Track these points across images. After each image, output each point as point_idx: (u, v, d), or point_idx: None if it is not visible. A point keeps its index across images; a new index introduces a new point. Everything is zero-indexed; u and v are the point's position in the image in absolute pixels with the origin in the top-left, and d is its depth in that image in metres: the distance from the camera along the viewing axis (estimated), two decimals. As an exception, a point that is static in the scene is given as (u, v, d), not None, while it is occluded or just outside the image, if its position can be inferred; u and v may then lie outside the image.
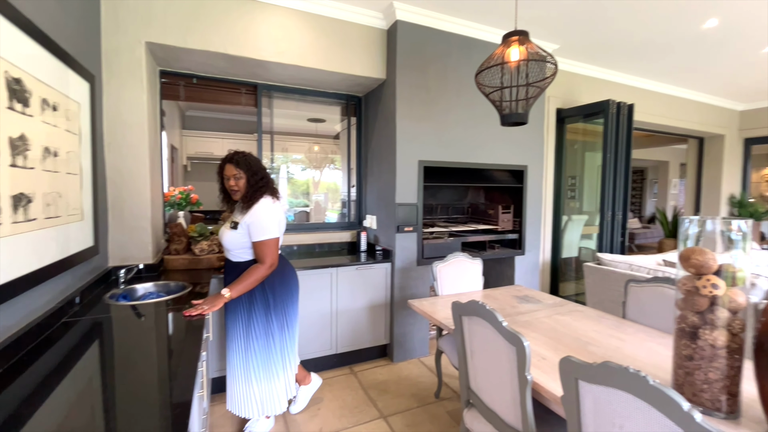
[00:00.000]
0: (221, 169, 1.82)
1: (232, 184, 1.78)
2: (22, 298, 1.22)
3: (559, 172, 3.90)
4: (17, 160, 1.19)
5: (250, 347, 1.80)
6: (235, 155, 1.81)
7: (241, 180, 1.78)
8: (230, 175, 1.78)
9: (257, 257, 1.77)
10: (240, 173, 1.78)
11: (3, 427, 0.80)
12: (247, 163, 1.79)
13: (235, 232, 1.78)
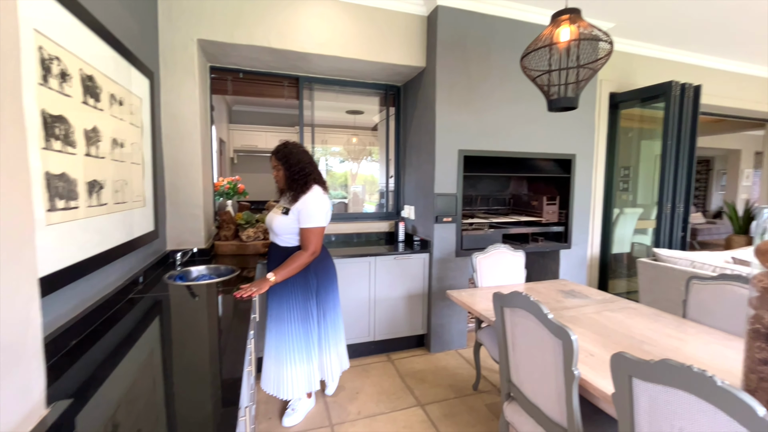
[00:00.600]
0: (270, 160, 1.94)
1: (274, 175, 1.92)
2: (97, 275, 1.36)
3: (611, 162, 3.65)
4: (91, 150, 1.31)
5: (289, 330, 1.85)
6: (279, 147, 1.89)
7: (279, 171, 1.89)
8: (273, 166, 1.92)
9: (302, 244, 1.84)
10: (278, 165, 1.88)
11: (84, 385, 0.90)
12: (284, 157, 1.87)
13: (286, 217, 1.85)
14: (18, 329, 0.62)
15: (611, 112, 3.54)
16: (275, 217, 1.91)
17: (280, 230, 1.89)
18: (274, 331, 1.88)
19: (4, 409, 0.58)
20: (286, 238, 1.90)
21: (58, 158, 1.10)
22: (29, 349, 0.64)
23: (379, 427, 1.93)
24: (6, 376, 0.59)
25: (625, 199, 4.18)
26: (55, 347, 1.03)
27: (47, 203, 1.05)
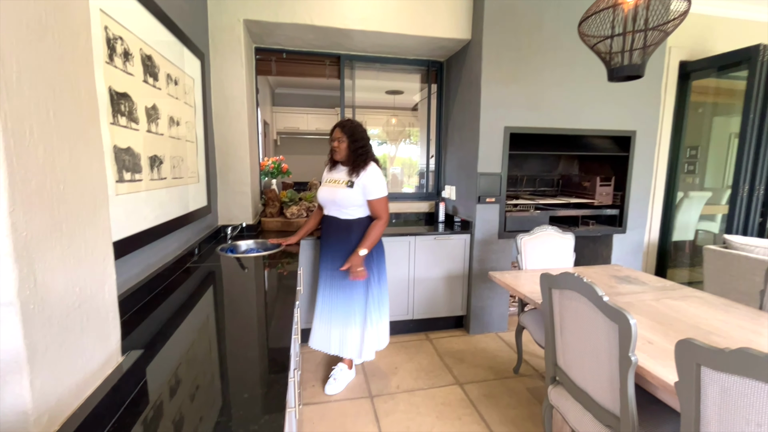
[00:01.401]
0: (332, 131, 1.99)
1: (335, 145, 1.95)
2: (158, 244, 1.47)
3: (676, 141, 3.31)
4: (151, 126, 1.39)
5: (354, 296, 1.95)
6: (345, 121, 1.97)
7: (343, 143, 1.94)
8: (336, 137, 1.95)
9: (376, 214, 1.95)
10: (343, 137, 1.93)
11: (153, 341, 0.99)
12: (350, 130, 1.94)
13: (351, 190, 1.92)
14: (97, 283, 0.68)
15: (680, 83, 3.19)
16: (339, 190, 1.94)
17: (346, 203, 1.94)
18: (342, 296, 1.97)
19: (89, 352, 0.65)
20: (349, 210, 1.96)
21: (123, 133, 1.18)
22: (106, 302, 0.71)
23: (417, 401, 1.96)
24: (89, 324, 0.65)
25: (690, 182, 3.80)
26: (125, 306, 1.13)
27: (116, 175, 1.14)
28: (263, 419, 0.69)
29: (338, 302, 1.97)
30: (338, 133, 1.94)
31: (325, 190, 2.01)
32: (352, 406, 1.92)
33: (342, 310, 1.97)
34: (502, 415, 1.85)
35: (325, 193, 2.00)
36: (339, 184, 1.96)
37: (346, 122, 1.97)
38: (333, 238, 1.98)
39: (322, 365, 2.30)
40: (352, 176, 1.93)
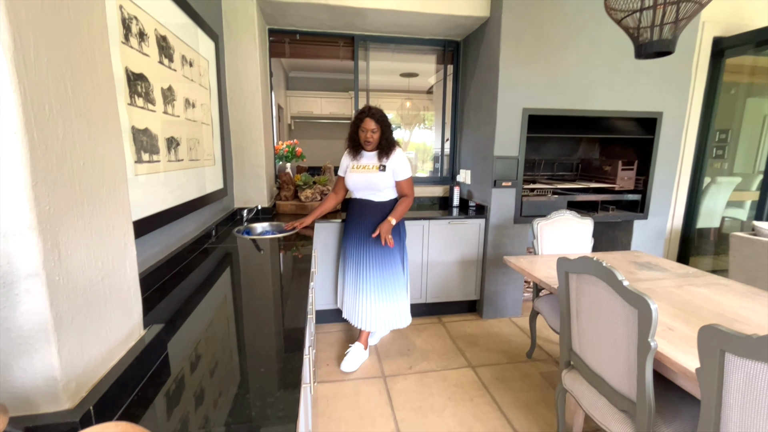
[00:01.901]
0: (359, 121, 2.00)
1: (369, 137, 1.99)
2: (176, 224, 1.50)
3: (706, 123, 3.15)
4: (167, 108, 1.40)
5: (386, 271, 2.06)
6: (375, 111, 1.99)
7: (376, 134, 2.00)
8: (368, 129, 1.98)
9: (404, 192, 2.09)
10: (377, 128, 1.99)
11: (173, 317, 1.02)
12: (382, 120, 2.00)
13: (384, 174, 2.03)
14: (118, 259, 0.70)
15: (713, 61, 3.01)
16: (373, 174, 2.04)
17: (381, 186, 2.05)
18: (379, 273, 2.06)
19: (112, 324, 0.67)
20: (383, 193, 2.08)
21: (141, 114, 1.19)
22: (128, 277, 0.73)
23: (429, 382, 1.98)
24: (112, 298, 0.67)
25: (718, 167, 3.63)
26: (147, 283, 1.17)
27: (134, 155, 1.16)
28: (279, 392, 0.70)
29: (372, 279, 2.06)
30: (373, 125, 1.98)
31: (357, 176, 2.06)
32: (365, 385, 1.96)
33: (376, 286, 2.06)
34: (515, 398, 1.86)
35: (359, 179, 2.06)
36: (371, 170, 2.05)
37: (375, 112, 1.98)
38: (368, 219, 2.07)
39: (336, 345, 2.35)
40: (382, 160, 2.04)
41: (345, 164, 2.15)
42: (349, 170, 2.09)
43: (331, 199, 2.25)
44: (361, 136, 2.01)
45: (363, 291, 2.07)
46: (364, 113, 1.99)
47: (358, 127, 2.02)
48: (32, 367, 0.53)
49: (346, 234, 2.17)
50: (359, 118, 2.00)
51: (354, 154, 2.09)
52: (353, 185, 2.10)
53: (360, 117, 2.00)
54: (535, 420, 1.72)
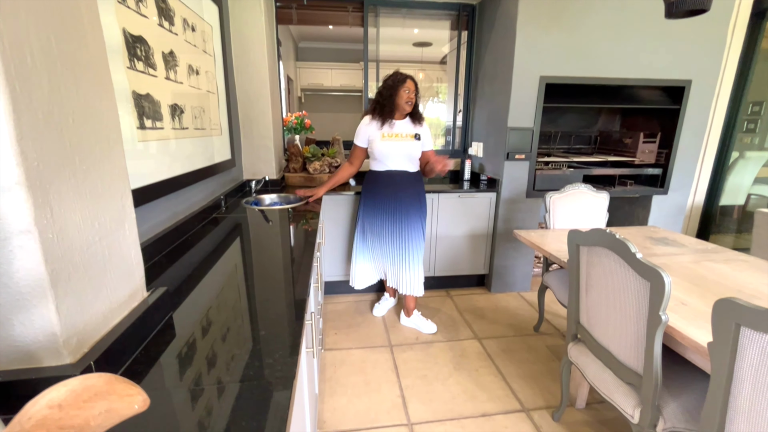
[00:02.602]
0: (399, 83, 1.94)
1: (411, 98, 1.96)
2: (184, 193, 1.51)
3: (739, 93, 2.94)
4: (170, 74, 1.37)
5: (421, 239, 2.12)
6: (410, 75, 1.97)
7: (414, 96, 1.98)
8: (412, 89, 1.96)
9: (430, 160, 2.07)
10: (415, 91, 1.98)
11: (181, 282, 1.03)
12: (418, 87, 2.00)
13: (419, 143, 2.03)
14: (116, 221, 0.70)
15: (753, 23, 2.77)
16: (410, 143, 2.00)
17: (416, 155, 2.04)
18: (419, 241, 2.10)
19: (113, 284, 0.68)
20: (415, 163, 2.07)
21: (141, 79, 1.17)
22: (127, 239, 0.73)
23: (435, 352, 2.01)
24: (111, 259, 0.68)
25: (748, 142, 3.43)
26: (154, 249, 1.18)
27: (137, 121, 1.14)
28: (278, 354, 0.71)
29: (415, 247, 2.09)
30: (413, 86, 1.95)
31: (392, 144, 1.98)
32: (372, 353, 2.00)
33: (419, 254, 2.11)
34: (520, 369, 1.87)
35: (396, 148, 1.98)
36: (405, 138, 1.99)
37: (410, 76, 1.96)
38: (403, 191, 2.04)
39: (344, 315, 2.39)
40: (416, 128, 2.02)
41: (369, 132, 2.02)
42: (379, 139, 1.98)
43: (346, 169, 2.17)
44: (404, 96, 1.93)
45: (409, 260, 2.08)
46: (404, 75, 1.95)
47: (396, 90, 1.93)
48: (32, 323, 0.54)
49: (376, 207, 2.08)
50: (400, 80, 1.93)
51: (383, 122, 1.97)
52: (386, 154, 1.99)
53: (401, 79, 1.94)
54: (539, 390, 1.73)
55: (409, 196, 2.05)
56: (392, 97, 1.94)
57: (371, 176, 2.11)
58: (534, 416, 1.58)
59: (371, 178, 2.10)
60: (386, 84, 1.97)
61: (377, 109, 1.98)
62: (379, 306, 2.41)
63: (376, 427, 1.52)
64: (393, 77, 1.96)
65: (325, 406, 1.63)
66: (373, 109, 2.00)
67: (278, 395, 0.60)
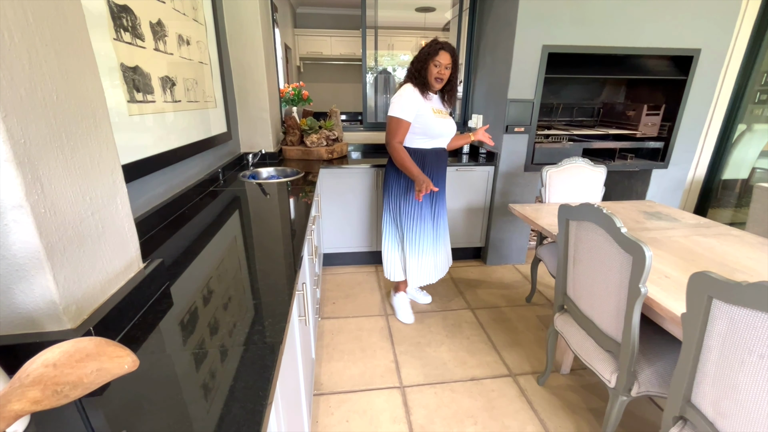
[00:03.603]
0: (432, 53, 1.71)
1: (443, 73, 1.73)
2: (180, 166, 1.52)
3: (750, 63, 2.84)
4: (159, 45, 1.35)
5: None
6: (448, 45, 1.72)
7: (448, 71, 1.75)
8: (446, 63, 1.71)
9: None
10: (450, 64, 1.73)
11: (184, 256, 1.07)
12: (457, 56, 1.76)
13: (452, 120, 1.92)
14: (107, 195, 0.72)
15: (770, -13, 2.62)
16: (452, 121, 1.89)
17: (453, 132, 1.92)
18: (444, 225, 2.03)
19: (108, 255, 0.71)
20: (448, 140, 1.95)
21: (129, 50, 1.15)
22: (120, 212, 0.76)
23: (429, 321, 2.09)
24: (105, 231, 0.71)
25: (759, 114, 3.34)
26: (150, 222, 1.21)
27: (126, 94, 1.14)
28: (268, 321, 0.75)
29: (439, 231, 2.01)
30: (448, 59, 1.71)
31: (443, 121, 1.83)
32: (368, 322, 2.08)
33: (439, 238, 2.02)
34: (510, 338, 1.95)
35: (446, 125, 1.85)
36: (446, 116, 1.89)
37: (450, 46, 1.72)
38: (442, 170, 1.96)
39: (344, 285, 2.46)
40: (446, 106, 1.89)
41: (416, 105, 1.74)
42: (431, 114, 1.78)
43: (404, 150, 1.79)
44: (433, 71, 1.72)
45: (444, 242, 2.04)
46: (439, 45, 1.71)
47: (426, 64, 1.72)
48: (32, 292, 0.57)
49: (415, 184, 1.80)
50: (433, 49, 1.70)
51: (424, 94, 1.78)
52: (439, 132, 1.82)
53: (435, 48, 1.70)
54: (527, 357, 1.81)
55: (443, 174, 1.97)
56: (422, 71, 1.74)
57: (414, 155, 1.83)
58: (520, 380, 1.67)
59: (415, 157, 1.83)
60: (419, 55, 1.75)
61: (415, 80, 1.77)
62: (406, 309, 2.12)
63: (370, 389, 1.61)
64: (427, 47, 1.73)
65: (322, 369, 1.72)
66: (414, 79, 1.77)
67: (267, 359, 0.64)
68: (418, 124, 1.78)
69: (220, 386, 0.58)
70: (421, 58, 1.74)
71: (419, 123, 1.78)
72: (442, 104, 1.88)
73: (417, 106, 1.75)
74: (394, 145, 1.78)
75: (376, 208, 2.58)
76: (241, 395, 0.56)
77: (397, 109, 1.74)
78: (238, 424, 0.51)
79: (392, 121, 1.76)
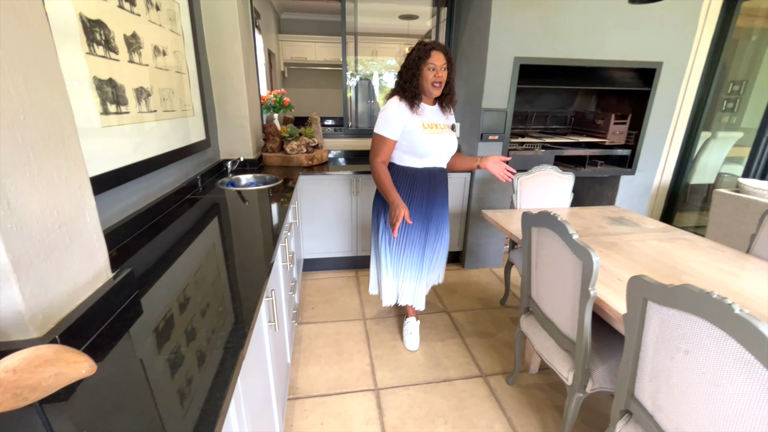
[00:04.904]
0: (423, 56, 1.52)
1: (440, 77, 1.54)
2: (155, 175, 1.54)
3: (710, 73, 3.00)
4: (133, 57, 1.38)
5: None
6: (440, 44, 1.55)
7: (445, 73, 1.55)
8: (439, 65, 1.52)
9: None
10: (446, 65, 1.54)
11: (156, 265, 1.10)
12: (451, 57, 1.56)
13: (455, 134, 1.71)
14: (75, 208, 0.75)
15: (726, 5, 2.79)
16: (450, 136, 1.67)
17: (454, 150, 1.71)
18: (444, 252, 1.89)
19: (76, 266, 0.74)
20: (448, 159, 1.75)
21: (103, 64, 1.18)
22: (88, 225, 0.79)
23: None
24: (72, 244, 0.74)
25: (726, 121, 3.53)
26: (124, 232, 1.24)
27: (100, 107, 1.16)
28: (232, 327, 0.79)
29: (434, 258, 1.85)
30: (442, 59, 1.51)
31: (436, 138, 1.61)
32: (346, 326, 2.12)
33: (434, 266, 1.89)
34: (483, 339, 2.02)
35: (440, 142, 1.62)
36: (444, 129, 1.65)
37: (442, 45, 1.54)
38: (438, 191, 1.73)
39: (323, 290, 2.49)
40: (448, 117, 1.68)
41: (403, 121, 1.57)
42: (420, 130, 1.58)
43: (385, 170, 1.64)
44: (428, 76, 1.52)
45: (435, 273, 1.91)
46: (428, 45, 1.52)
47: (419, 69, 1.52)
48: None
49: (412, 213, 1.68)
50: (424, 52, 1.51)
51: (412, 108, 1.57)
52: (429, 150, 1.61)
53: (425, 50, 1.51)
54: (498, 358, 1.88)
55: (442, 197, 1.77)
56: (415, 78, 1.54)
57: (403, 174, 1.66)
58: (491, 381, 1.73)
59: (403, 177, 1.67)
60: (407, 61, 1.56)
61: (404, 91, 1.58)
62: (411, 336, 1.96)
63: (345, 392, 1.65)
64: (415, 51, 1.55)
65: (298, 374, 1.75)
66: (402, 91, 1.59)
67: (226, 363, 0.68)
68: (405, 141, 1.61)
69: (179, 391, 0.62)
70: (410, 65, 1.55)
71: (406, 140, 1.61)
72: (441, 114, 1.67)
73: (403, 122, 1.58)
74: (373, 165, 1.64)
75: (356, 214, 2.63)
76: (198, 400, 0.60)
77: (381, 126, 1.60)
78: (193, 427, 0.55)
79: (375, 139, 1.63)
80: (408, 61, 1.57)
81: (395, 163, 1.70)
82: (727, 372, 0.73)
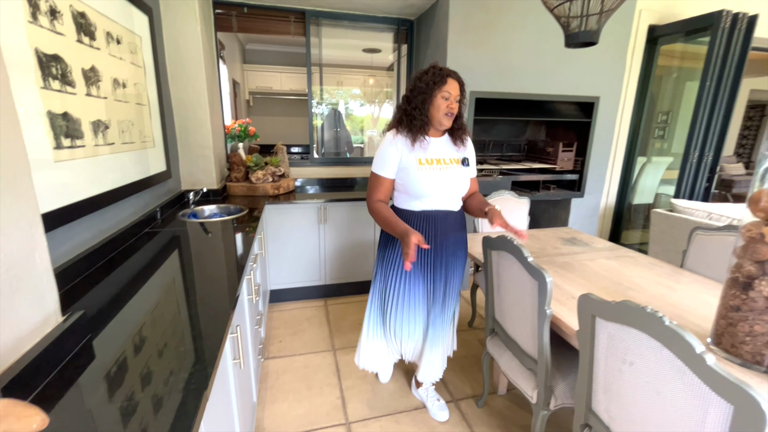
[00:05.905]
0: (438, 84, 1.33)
1: (453, 108, 1.37)
2: (111, 209, 1.48)
3: (640, 106, 3.37)
4: (91, 90, 1.35)
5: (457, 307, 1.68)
6: (453, 71, 1.39)
7: (457, 105, 1.39)
8: (454, 95, 1.36)
9: (474, 187, 1.60)
10: (459, 97, 1.38)
11: (110, 305, 1.04)
12: (463, 86, 1.40)
13: (467, 169, 1.50)
14: (25, 250, 0.72)
15: (648, 48, 3.20)
16: (458, 170, 1.45)
17: (465, 187, 1.51)
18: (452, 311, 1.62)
19: (23, 311, 0.70)
20: (460, 198, 1.53)
21: (58, 98, 1.15)
22: (38, 266, 0.75)
23: (376, 354, 2.12)
24: (19, 287, 0.70)
25: (659, 147, 3.96)
26: (76, 270, 1.17)
27: (53, 141, 1.12)
28: (195, 368, 0.77)
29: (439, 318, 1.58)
30: (457, 89, 1.36)
31: (435, 175, 1.41)
32: (315, 358, 2.07)
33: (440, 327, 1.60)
34: (452, 362, 2.04)
35: (441, 179, 1.42)
36: (450, 164, 1.44)
37: (457, 74, 1.39)
38: (445, 239, 1.49)
39: (291, 322, 2.43)
40: (460, 149, 1.47)
41: (397, 157, 1.41)
42: (416, 166, 1.40)
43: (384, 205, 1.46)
44: (441, 106, 1.35)
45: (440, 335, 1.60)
46: (444, 71, 1.34)
47: (431, 95, 1.34)
48: (-68, 356, 0.56)
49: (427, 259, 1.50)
50: (439, 77, 1.33)
51: (413, 141, 1.39)
52: (424, 189, 1.40)
53: (441, 74, 1.33)
54: (468, 380, 1.90)
55: (453, 246, 1.52)
56: (425, 105, 1.36)
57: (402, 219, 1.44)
58: (461, 405, 1.75)
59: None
60: (418, 84, 1.37)
61: (404, 121, 1.40)
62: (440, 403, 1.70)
63: (315, 429, 1.59)
64: (427, 74, 1.36)
65: (265, 413, 1.67)
66: (399, 121, 1.41)
67: (189, 406, 0.66)
68: (399, 179, 1.44)
69: (139, 437, 0.59)
70: (422, 89, 1.35)
71: (399, 178, 1.44)
72: (452, 146, 1.48)
73: (398, 157, 1.41)
74: (369, 204, 1.48)
75: (324, 242, 2.63)
76: (160, 444, 0.57)
77: (376, 163, 1.45)
78: (154, 474, 0.53)
79: (371, 177, 1.48)
80: (419, 86, 1.37)
81: (394, 205, 1.53)
82: (665, 380, 0.81)
